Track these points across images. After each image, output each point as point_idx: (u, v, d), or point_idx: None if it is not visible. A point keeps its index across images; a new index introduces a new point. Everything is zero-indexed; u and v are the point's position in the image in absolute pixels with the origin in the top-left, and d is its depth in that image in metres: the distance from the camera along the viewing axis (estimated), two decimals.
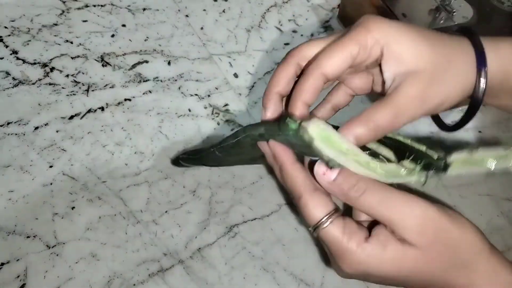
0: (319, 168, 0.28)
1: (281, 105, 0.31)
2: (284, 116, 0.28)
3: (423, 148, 0.31)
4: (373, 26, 0.28)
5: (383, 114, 0.27)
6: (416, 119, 0.28)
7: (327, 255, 0.30)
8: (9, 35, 0.52)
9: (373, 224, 0.29)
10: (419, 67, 0.28)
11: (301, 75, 0.31)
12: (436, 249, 0.27)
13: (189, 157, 0.41)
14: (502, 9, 0.54)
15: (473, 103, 0.30)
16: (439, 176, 0.30)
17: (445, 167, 0.29)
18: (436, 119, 0.35)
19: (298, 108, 0.29)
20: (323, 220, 0.28)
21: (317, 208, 0.28)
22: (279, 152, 0.30)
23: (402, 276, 0.27)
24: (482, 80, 0.29)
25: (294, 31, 0.60)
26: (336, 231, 0.27)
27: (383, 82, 0.29)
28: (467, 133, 0.54)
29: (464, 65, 0.29)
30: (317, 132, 0.26)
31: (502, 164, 0.30)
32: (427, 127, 0.53)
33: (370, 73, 0.32)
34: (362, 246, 0.27)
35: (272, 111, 0.31)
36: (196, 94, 0.52)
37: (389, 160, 0.31)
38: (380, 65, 0.29)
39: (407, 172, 0.28)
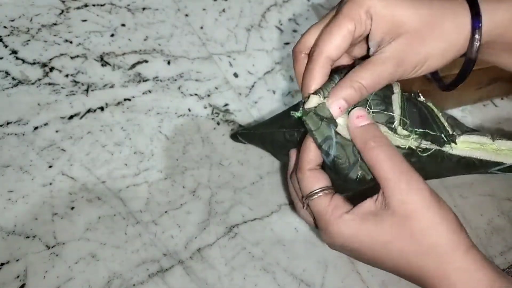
0: (356, 112, 0.30)
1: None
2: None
3: (444, 121, 0.33)
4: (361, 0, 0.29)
5: (364, 74, 0.29)
6: (396, 77, 0.30)
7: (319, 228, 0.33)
8: (8, 35, 0.52)
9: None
10: (401, 29, 0.29)
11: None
12: (413, 225, 0.27)
13: (250, 132, 0.40)
14: None
15: (467, 60, 0.31)
16: (441, 148, 0.32)
17: (449, 141, 0.32)
18: (434, 76, 0.37)
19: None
20: (316, 190, 0.31)
21: (314, 181, 0.31)
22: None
23: (376, 251, 0.29)
24: (476, 37, 0.30)
25: (295, 31, 0.60)
26: (323, 203, 0.30)
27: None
28: None
29: (452, 25, 0.30)
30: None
31: None
32: None
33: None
34: (342, 217, 0.29)
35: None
36: (196, 94, 0.51)
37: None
38: (370, 33, 0.30)
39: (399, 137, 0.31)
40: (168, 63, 0.54)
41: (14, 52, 0.51)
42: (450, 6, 0.30)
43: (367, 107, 0.31)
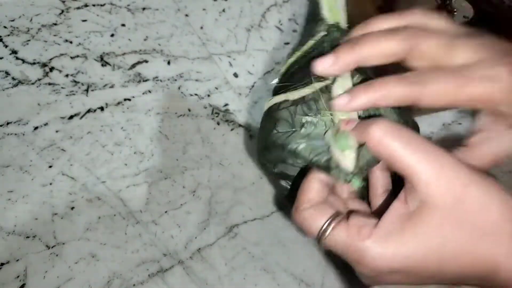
0: (343, 122, 0.28)
1: None
2: None
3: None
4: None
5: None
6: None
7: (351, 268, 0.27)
8: (8, 35, 0.52)
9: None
10: None
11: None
12: (461, 213, 0.23)
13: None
14: (503, 9, 0.54)
15: None
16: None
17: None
18: None
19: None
20: (324, 227, 0.26)
21: (316, 218, 0.26)
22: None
23: (432, 259, 0.23)
24: None
25: (295, 31, 0.60)
26: (342, 233, 0.25)
27: None
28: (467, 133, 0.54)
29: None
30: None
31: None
32: (427, 128, 0.53)
33: None
34: (373, 235, 0.24)
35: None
36: (196, 94, 0.51)
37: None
38: None
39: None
40: (168, 63, 0.54)
41: (14, 52, 0.51)
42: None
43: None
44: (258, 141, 0.33)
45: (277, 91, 0.34)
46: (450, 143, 0.52)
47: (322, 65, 0.28)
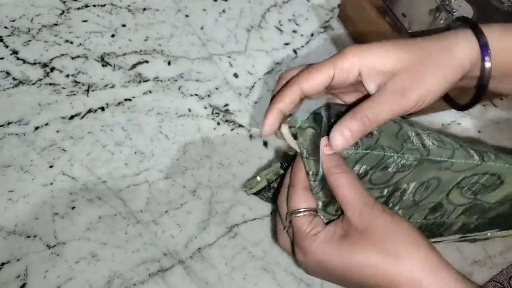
0: (325, 140, 0.32)
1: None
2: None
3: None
4: (348, 51, 0.32)
5: (366, 109, 0.31)
6: (399, 111, 0.32)
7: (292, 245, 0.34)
8: (9, 35, 0.52)
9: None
10: (395, 70, 0.32)
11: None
12: (373, 235, 0.30)
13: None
14: (502, 9, 0.54)
15: (480, 85, 0.34)
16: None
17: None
18: (448, 99, 0.39)
19: (272, 114, 0.33)
20: (301, 209, 0.32)
21: (302, 199, 0.33)
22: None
23: (345, 266, 0.30)
24: (487, 64, 0.33)
25: (294, 31, 0.60)
26: (304, 221, 0.32)
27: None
28: (467, 133, 0.54)
29: (445, 58, 0.32)
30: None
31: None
32: None
33: (359, 91, 0.35)
34: (315, 235, 0.32)
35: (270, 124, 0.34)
36: (196, 94, 0.52)
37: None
38: (364, 84, 0.33)
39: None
40: (169, 63, 0.54)
41: (14, 52, 0.51)
42: (444, 41, 0.33)
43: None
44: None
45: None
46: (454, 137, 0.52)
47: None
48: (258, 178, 0.37)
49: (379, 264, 0.30)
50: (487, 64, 0.33)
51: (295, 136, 0.33)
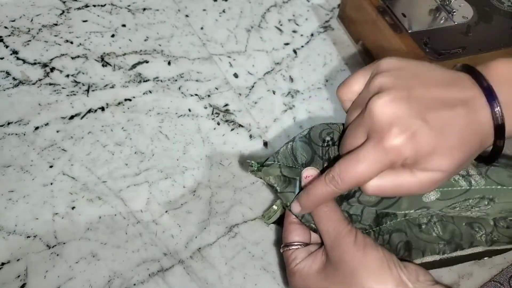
0: (305, 172, 0.34)
1: None
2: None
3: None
4: (383, 63, 0.31)
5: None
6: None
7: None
8: (9, 35, 0.53)
9: None
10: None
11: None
12: (343, 269, 0.31)
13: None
14: (502, 9, 0.54)
15: (497, 134, 0.29)
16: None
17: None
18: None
19: None
20: (293, 243, 0.35)
21: (295, 234, 0.35)
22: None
23: None
24: (497, 109, 0.28)
25: (294, 31, 0.60)
26: (287, 255, 0.34)
27: None
28: None
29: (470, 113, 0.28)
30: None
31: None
32: None
33: None
34: (296, 267, 0.33)
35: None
36: (196, 94, 0.52)
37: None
38: None
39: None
40: (169, 63, 0.54)
41: (14, 52, 0.51)
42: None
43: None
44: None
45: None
46: None
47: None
48: (275, 207, 0.38)
49: None
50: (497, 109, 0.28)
51: (260, 177, 0.35)
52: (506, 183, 0.36)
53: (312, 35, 0.60)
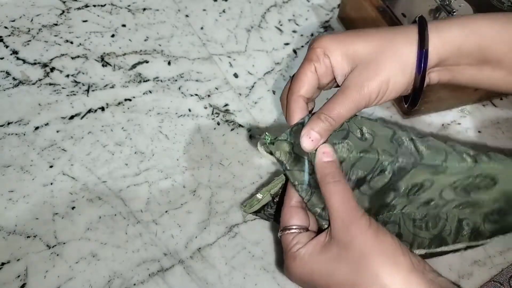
0: (322, 148, 0.32)
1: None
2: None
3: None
4: (317, 43, 0.33)
5: (329, 105, 0.32)
6: (363, 104, 0.32)
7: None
8: (9, 35, 0.53)
9: None
10: (356, 60, 0.33)
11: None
12: (353, 251, 0.30)
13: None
14: (502, 9, 0.54)
15: (416, 80, 0.33)
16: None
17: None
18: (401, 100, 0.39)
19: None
20: (293, 227, 0.33)
21: (291, 217, 0.33)
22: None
23: (325, 279, 0.31)
24: (422, 59, 0.32)
25: (294, 31, 0.60)
26: (290, 238, 0.32)
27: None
28: (467, 133, 0.54)
29: (404, 46, 0.32)
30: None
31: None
32: (427, 128, 0.53)
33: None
34: (298, 251, 0.32)
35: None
36: (196, 94, 0.52)
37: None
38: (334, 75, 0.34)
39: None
40: (169, 63, 0.54)
41: (14, 52, 0.51)
42: (401, 31, 0.33)
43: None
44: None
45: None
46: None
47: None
48: (259, 196, 0.35)
49: (357, 283, 0.29)
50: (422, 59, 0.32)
51: (271, 153, 0.33)
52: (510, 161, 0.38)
53: (312, 35, 0.60)
